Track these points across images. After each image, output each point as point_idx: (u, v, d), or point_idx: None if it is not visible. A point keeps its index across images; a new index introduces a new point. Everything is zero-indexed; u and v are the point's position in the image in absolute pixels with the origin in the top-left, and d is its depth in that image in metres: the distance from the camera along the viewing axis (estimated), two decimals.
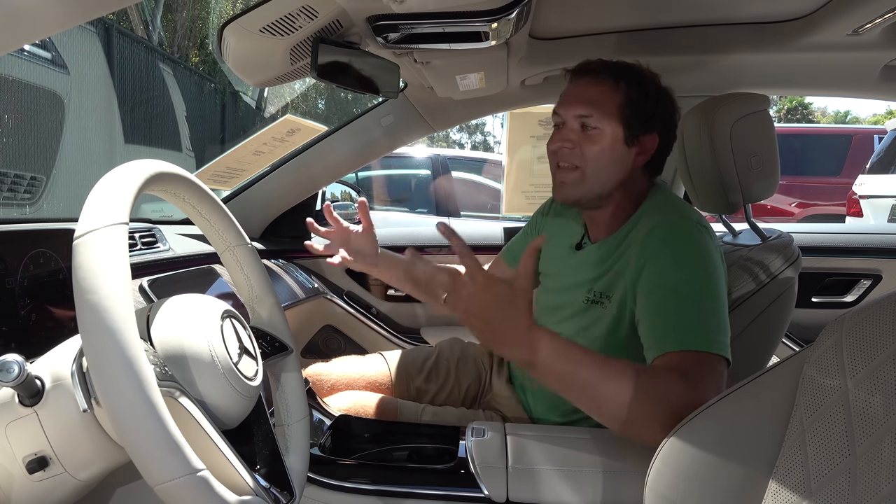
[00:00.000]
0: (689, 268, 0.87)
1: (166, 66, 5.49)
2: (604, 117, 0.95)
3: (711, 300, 0.85)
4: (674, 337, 0.82)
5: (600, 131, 0.96)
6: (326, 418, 1.04)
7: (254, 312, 0.78)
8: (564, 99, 1.00)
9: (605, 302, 0.98)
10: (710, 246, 0.91)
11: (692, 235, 0.91)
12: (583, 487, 0.82)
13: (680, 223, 0.93)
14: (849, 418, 0.52)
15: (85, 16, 0.59)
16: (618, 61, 1.00)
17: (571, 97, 0.99)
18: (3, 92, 3.03)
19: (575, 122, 0.97)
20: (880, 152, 5.02)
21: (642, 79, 0.98)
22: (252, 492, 0.56)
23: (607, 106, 0.96)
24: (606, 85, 0.97)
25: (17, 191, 3.10)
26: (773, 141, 1.15)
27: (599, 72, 0.98)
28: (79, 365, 0.53)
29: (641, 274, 0.90)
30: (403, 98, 1.57)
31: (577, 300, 1.02)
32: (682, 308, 0.84)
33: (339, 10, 0.91)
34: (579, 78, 1.00)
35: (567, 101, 0.99)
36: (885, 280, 1.77)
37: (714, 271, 0.88)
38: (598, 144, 0.96)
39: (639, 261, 0.91)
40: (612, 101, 0.96)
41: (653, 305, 0.87)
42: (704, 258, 0.89)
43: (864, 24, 1.09)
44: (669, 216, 0.94)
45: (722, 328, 0.84)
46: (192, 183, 0.66)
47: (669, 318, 0.84)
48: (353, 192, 2.24)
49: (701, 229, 0.92)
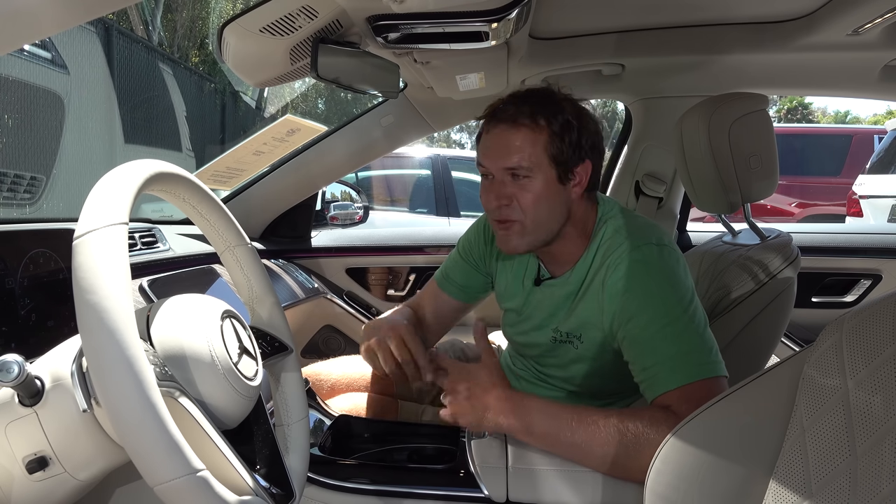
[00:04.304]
0: (663, 299, 0.86)
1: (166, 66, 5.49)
2: (532, 164, 0.89)
3: (692, 323, 0.85)
4: (667, 376, 0.83)
5: (531, 179, 0.90)
6: (326, 418, 1.04)
7: (254, 312, 0.78)
8: (487, 151, 0.92)
9: (574, 342, 0.97)
10: (674, 266, 0.89)
11: (655, 262, 0.88)
12: (583, 487, 0.82)
13: (640, 252, 0.89)
14: (849, 418, 0.52)
15: (85, 16, 0.59)
16: (528, 92, 0.93)
17: (494, 149, 0.91)
18: (3, 92, 3.02)
19: (504, 174, 0.91)
20: (880, 152, 5.02)
21: (558, 108, 0.90)
22: (252, 492, 0.56)
23: (533, 151, 0.89)
24: (525, 127, 0.89)
25: (17, 191, 3.10)
26: (772, 141, 1.15)
27: (515, 116, 0.89)
28: (79, 365, 0.53)
29: (614, 317, 0.89)
30: (403, 98, 1.57)
31: (545, 339, 1.01)
32: (668, 344, 0.84)
33: (339, 10, 0.91)
34: (495, 125, 0.91)
35: (491, 153, 0.92)
36: (885, 280, 1.77)
37: (686, 292, 0.87)
38: (533, 192, 0.90)
39: (610, 304, 0.89)
40: (536, 143, 0.89)
41: (638, 348, 0.86)
42: (674, 282, 0.87)
43: (864, 24, 1.09)
44: (625, 250, 0.90)
45: (709, 347, 0.85)
46: (192, 183, 0.66)
47: (658, 357, 0.84)
48: (353, 192, 2.24)
49: (661, 249, 0.90)
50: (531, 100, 0.91)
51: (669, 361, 0.83)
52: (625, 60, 1.42)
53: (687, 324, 0.84)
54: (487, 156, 0.93)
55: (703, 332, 0.85)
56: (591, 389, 1.01)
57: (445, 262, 1.19)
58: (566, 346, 0.98)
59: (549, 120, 0.89)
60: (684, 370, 0.82)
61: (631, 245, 0.90)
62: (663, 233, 0.94)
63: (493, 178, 0.93)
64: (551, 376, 1.05)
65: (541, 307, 1.01)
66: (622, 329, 0.88)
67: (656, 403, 0.83)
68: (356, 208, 2.09)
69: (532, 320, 1.03)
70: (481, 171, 0.95)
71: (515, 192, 0.91)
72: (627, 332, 0.87)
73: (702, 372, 0.82)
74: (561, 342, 0.98)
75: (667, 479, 0.64)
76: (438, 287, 1.17)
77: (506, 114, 0.90)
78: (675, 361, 0.83)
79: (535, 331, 1.03)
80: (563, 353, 0.99)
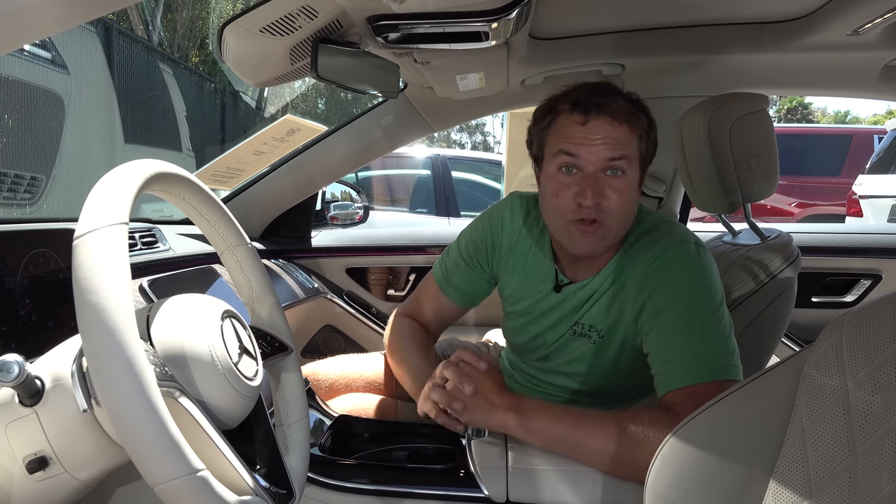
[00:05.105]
0: (697, 296, 0.86)
1: (166, 66, 5.49)
2: (631, 160, 0.87)
3: (719, 325, 0.85)
4: (683, 372, 0.83)
5: (625, 177, 0.87)
6: (326, 418, 1.04)
7: (254, 312, 0.78)
8: (587, 141, 0.86)
9: (592, 335, 0.96)
10: (709, 266, 0.89)
11: (692, 261, 0.88)
12: (583, 487, 0.82)
13: (679, 249, 0.89)
14: (849, 418, 0.52)
15: (85, 16, 0.59)
16: (608, 87, 0.90)
17: (597, 140, 0.85)
18: (3, 92, 3.02)
19: (601, 169, 0.86)
20: (880, 152, 5.02)
21: (642, 107, 0.90)
22: (252, 492, 0.56)
23: (631, 148, 0.87)
24: (627, 123, 0.86)
25: (17, 191, 3.10)
26: (773, 141, 1.15)
27: (616, 110, 0.86)
28: (79, 365, 0.53)
29: (644, 309, 0.88)
30: (403, 98, 1.57)
31: (558, 335, 1.00)
32: (693, 341, 0.84)
33: (339, 10, 0.91)
34: (597, 115, 0.86)
35: (593, 143, 0.85)
36: (885, 280, 1.77)
37: (717, 294, 0.88)
38: (624, 190, 0.87)
39: (639, 296, 0.89)
40: (633, 141, 0.87)
41: (662, 341, 0.86)
42: (707, 282, 0.87)
43: (864, 24, 1.09)
44: (665, 245, 0.90)
45: (731, 351, 0.85)
46: (192, 183, 0.66)
47: (680, 352, 0.84)
48: (353, 192, 2.24)
49: (698, 249, 0.90)
50: (618, 95, 0.88)
51: (690, 358, 0.83)
52: (625, 60, 1.42)
53: (715, 324, 0.84)
54: (587, 145, 0.86)
55: (728, 335, 0.85)
56: (593, 388, 1.01)
57: (445, 261, 1.14)
58: (582, 339, 0.97)
59: (639, 119, 0.88)
60: (702, 369, 0.82)
61: (670, 241, 0.90)
62: (697, 237, 0.94)
63: (581, 173, 0.87)
64: (552, 384, 1.05)
65: (557, 309, 1.00)
66: (650, 322, 0.88)
67: (666, 398, 0.83)
68: (356, 208, 2.09)
69: (545, 322, 1.01)
70: (567, 163, 0.88)
71: (608, 189, 0.86)
72: (655, 324, 0.87)
73: (718, 373, 0.82)
74: (579, 335, 0.97)
75: (667, 479, 0.64)
76: (440, 291, 1.13)
77: (607, 106, 0.85)
78: (695, 359, 0.82)
79: (549, 329, 1.01)
80: (577, 348, 0.98)
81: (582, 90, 0.89)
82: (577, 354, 0.99)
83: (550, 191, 0.90)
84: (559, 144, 0.88)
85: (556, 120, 0.90)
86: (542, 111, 0.94)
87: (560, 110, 0.90)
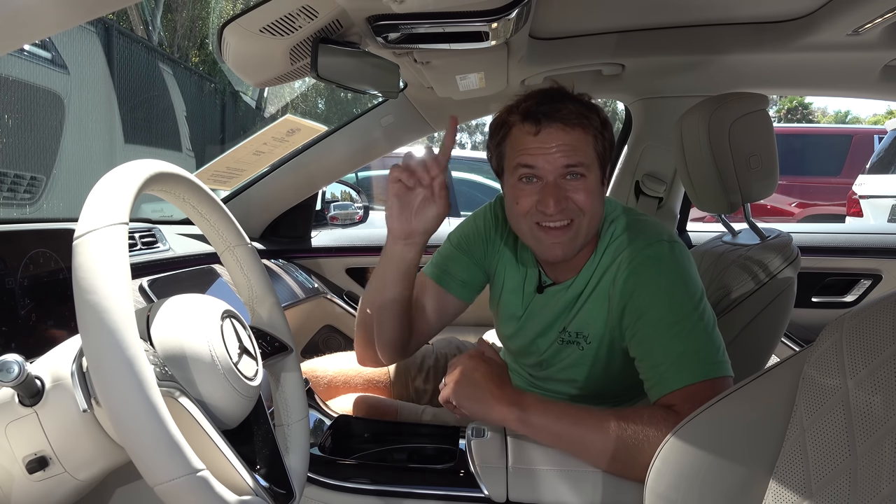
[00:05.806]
0: (674, 296, 0.86)
1: (166, 66, 5.49)
2: (589, 162, 0.88)
3: (701, 321, 0.85)
4: (674, 375, 0.82)
5: (586, 179, 0.88)
6: (326, 418, 1.04)
7: (254, 312, 0.78)
8: (542, 151, 0.87)
9: (580, 342, 0.96)
10: (686, 263, 0.89)
11: (668, 258, 0.88)
12: (583, 487, 0.82)
13: (652, 249, 0.89)
14: (849, 418, 0.52)
15: (85, 16, 0.59)
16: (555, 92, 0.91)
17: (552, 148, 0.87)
18: (3, 92, 3.03)
19: (559, 175, 0.88)
20: (880, 152, 5.03)
21: (593, 108, 0.90)
22: (252, 492, 0.56)
23: (587, 150, 0.88)
24: (579, 127, 0.88)
25: (17, 191, 3.10)
26: (772, 141, 1.15)
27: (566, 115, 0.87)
28: (79, 365, 0.53)
29: (625, 312, 0.89)
30: (403, 98, 1.57)
31: (548, 343, 1.00)
32: (677, 342, 0.83)
33: (339, 10, 0.91)
34: (548, 124, 0.87)
35: (548, 152, 0.87)
36: (885, 280, 1.77)
37: (696, 290, 0.87)
38: (587, 191, 0.88)
39: (619, 301, 0.89)
40: (588, 143, 0.89)
41: (648, 346, 0.86)
42: (685, 280, 0.87)
43: (864, 24, 1.09)
44: (638, 246, 0.90)
45: (717, 347, 0.85)
46: (192, 183, 0.66)
47: (667, 356, 0.84)
48: (353, 192, 2.24)
49: (673, 247, 0.90)
50: (567, 100, 0.89)
51: (678, 360, 0.83)
52: (625, 60, 1.42)
53: (696, 322, 0.84)
54: (543, 155, 0.87)
55: (711, 330, 0.85)
56: (592, 392, 1.01)
57: (437, 259, 1.11)
58: (572, 346, 0.97)
59: (591, 120, 0.89)
60: (691, 369, 0.82)
61: (643, 242, 0.90)
62: (671, 231, 0.94)
63: (541, 182, 0.89)
64: (550, 390, 1.05)
65: (543, 313, 1.00)
66: (632, 326, 0.88)
67: (661, 402, 0.83)
68: (356, 208, 2.09)
69: (534, 326, 1.02)
70: (526, 174, 0.89)
71: (570, 192, 0.88)
72: (638, 329, 0.87)
73: (709, 371, 0.82)
74: (567, 342, 0.98)
75: (667, 478, 0.64)
76: (438, 284, 1.09)
77: (557, 113, 0.87)
78: (683, 360, 0.82)
79: (539, 336, 1.01)
80: (567, 355, 0.99)
81: (531, 99, 0.90)
82: (569, 362, 0.99)
83: (513, 200, 0.92)
84: (516, 157, 0.90)
85: (509, 133, 0.92)
86: (496, 125, 0.95)
87: (512, 123, 0.91)
